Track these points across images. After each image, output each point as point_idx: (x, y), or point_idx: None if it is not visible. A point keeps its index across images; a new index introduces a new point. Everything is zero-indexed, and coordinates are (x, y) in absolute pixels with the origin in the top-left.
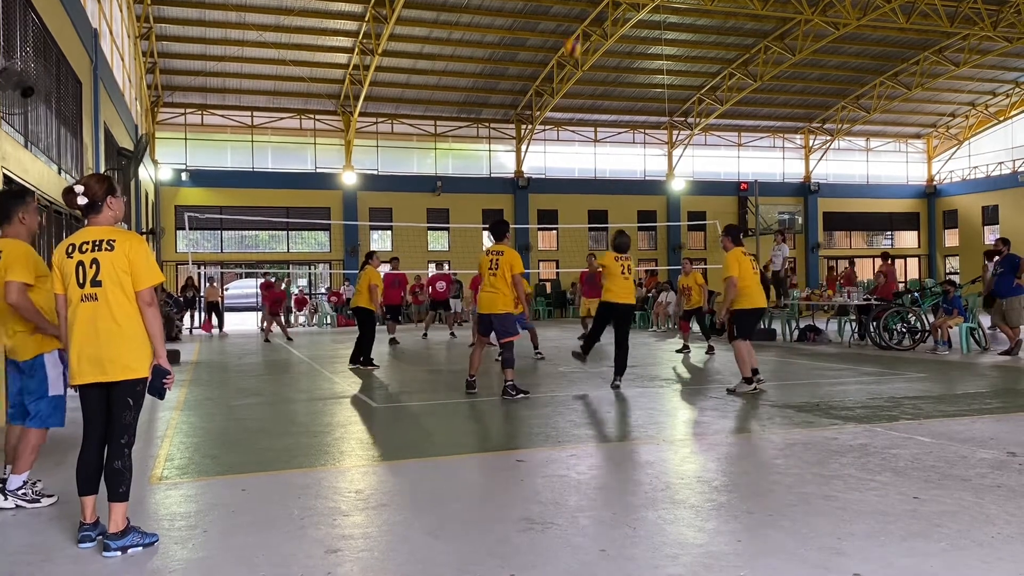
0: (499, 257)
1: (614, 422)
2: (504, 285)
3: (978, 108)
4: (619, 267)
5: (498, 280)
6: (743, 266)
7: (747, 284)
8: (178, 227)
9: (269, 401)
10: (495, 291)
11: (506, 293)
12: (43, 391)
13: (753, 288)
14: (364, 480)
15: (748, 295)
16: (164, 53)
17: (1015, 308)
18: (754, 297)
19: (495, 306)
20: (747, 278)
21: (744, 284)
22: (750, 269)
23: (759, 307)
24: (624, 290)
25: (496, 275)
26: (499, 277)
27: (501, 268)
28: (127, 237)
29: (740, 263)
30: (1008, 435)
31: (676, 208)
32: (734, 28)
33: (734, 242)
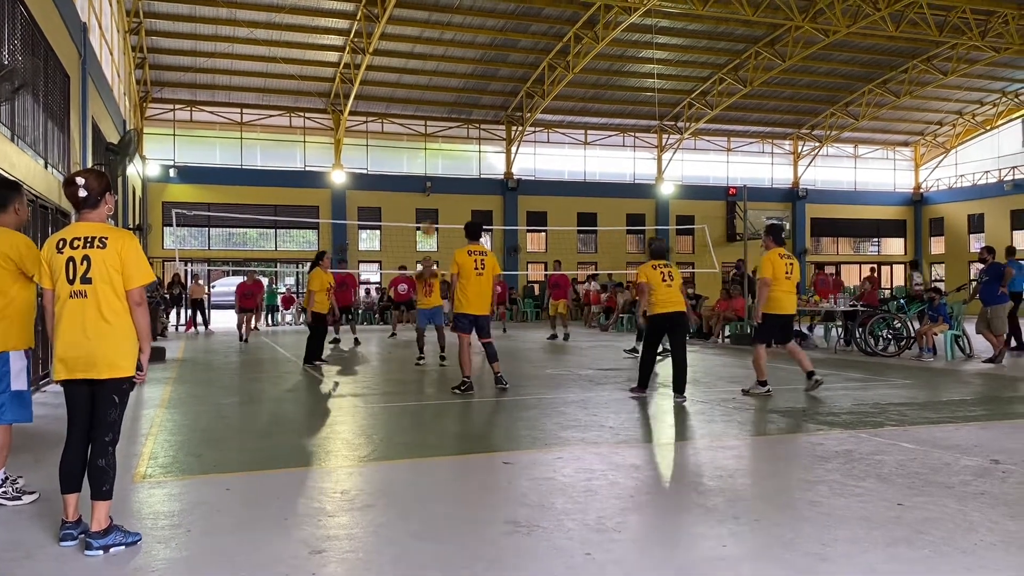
0: (484, 257)
1: (600, 425)
2: (490, 286)
3: (965, 117)
4: (659, 275)
5: (486, 281)
6: (776, 269)
7: (774, 289)
8: (165, 223)
9: (254, 399)
10: (483, 293)
11: (489, 295)
12: (4, 386)
13: (779, 293)
14: (350, 480)
15: (773, 299)
16: (154, 48)
17: (999, 316)
18: (779, 303)
19: (483, 306)
20: (777, 282)
21: (772, 288)
22: (783, 273)
23: (781, 313)
24: (668, 298)
25: (483, 275)
26: (486, 278)
27: (488, 266)
28: (120, 235)
29: (775, 265)
30: (991, 442)
31: (665, 212)
32: (725, 33)
33: (775, 242)
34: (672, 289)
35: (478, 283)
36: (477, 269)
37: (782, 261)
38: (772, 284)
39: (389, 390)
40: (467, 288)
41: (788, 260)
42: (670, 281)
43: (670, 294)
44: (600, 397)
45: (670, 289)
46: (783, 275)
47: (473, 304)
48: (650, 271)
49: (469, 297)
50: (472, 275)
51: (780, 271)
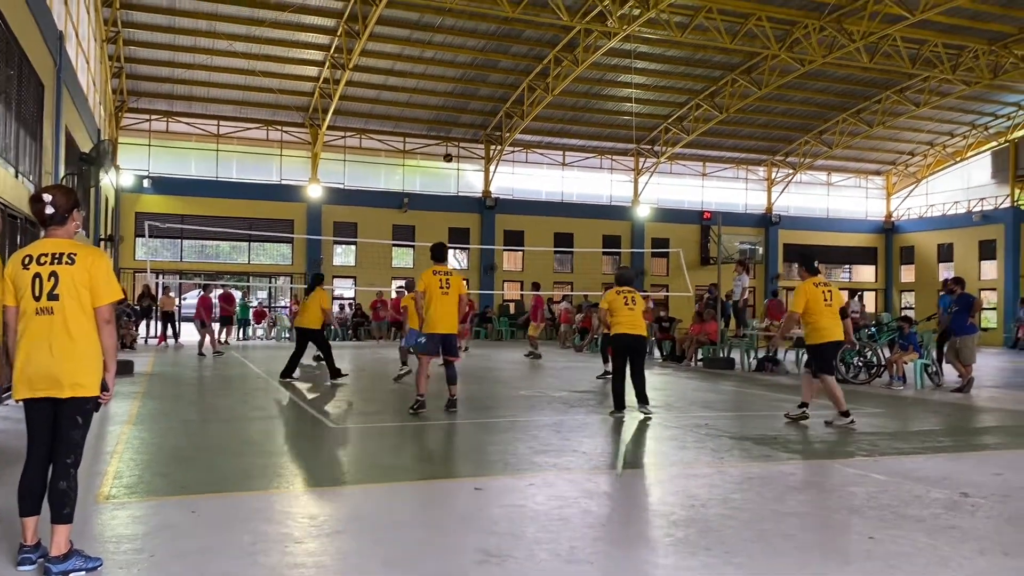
0: (449, 277)
1: (573, 450)
2: (455, 305)
3: (936, 148)
4: (621, 299)
5: (451, 300)
6: (812, 301)
7: (815, 319)
8: (137, 234)
9: (224, 418)
10: (449, 312)
11: (455, 315)
12: None
13: (822, 321)
14: (318, 505)
15: (818, 329)
16: (131, 58)
17: (968, 346)
18: (825, 330)
19: (451, 326)
20: (816, 312)
21: (812, 319)
22: (821, 301)
23: (831, 340)
24: (630, 321)
25: (448, 294)
26: (451, 297)
27: (453, 286)
28: (89, 252)
29: (809, 296)
30: (961, 475)
31: (640, 234)
32: (702, 60)
33: (809, 271)
34: (634, 313)
35: (444, 302)
36: (443, 288)
37: (818, 290)
38: (814, 314)
39: (360, 410)
40: (433, 307)
41: (825, 288)
42: (632, 305)
43: (632, 317)
44: (574, 420)
45: (632, 313)
46: (822, 304)
47: (440, 323)
48: (613, 296)
49: (436, 316)
50: (437, 293)
51: (818, 301)
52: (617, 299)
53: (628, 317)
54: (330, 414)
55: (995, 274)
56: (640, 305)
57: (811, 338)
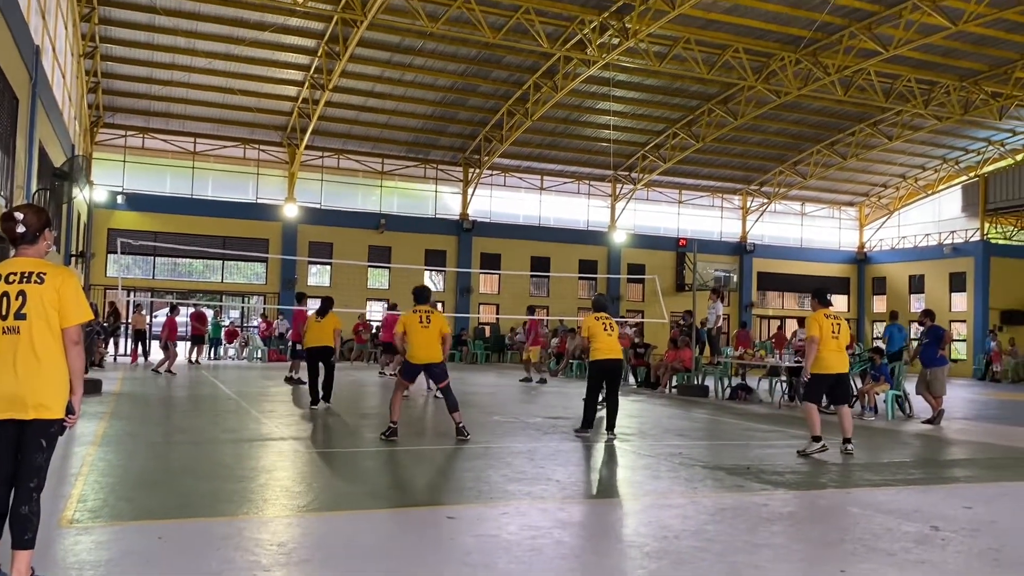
0: (431, 314)
1: (547, 478)
2: (437, 338)
3: (908, 180)
4: (600, 325)
5: (432, 332)
6: (823, 329)
7: (821, 348)
8: (110, 251)
9: (193, 440)
10: (432, 341)
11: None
12: None
13: (823, 352)
14: (288, 532)
15: (819, 359)
16: (108, 73)
17: (938, 378)
18: (826, 362)
19: (433, 355)
20: (824, 342)
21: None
22: (829, 333)
23: (827, 372)
24: (608, 346)
25: (428, 328)
26: (432, 329)
27: (433, 322)
28: (58, 272)
29: (821, 325)
30: (931, 508)
31: (617, 260)
32: (680, 90)
33: (821, 303)
34: (612, 338)
35: (425, 334)
36: (422, 322)
37: (828, 321)
38: (820, 345)
39: (332, 435)
40: (415, 339)
41: (834, 320)
42: (611, 331)
43: (610, 343)
44: (547, 447)
45: (610, 338)
46: (829, 335)
47: (420, 352)
48: (593, 322)
49: (416, 346)
50: (417, 327)
51: (827, 331)
52: (596, 325)
53: (607, 342)
54: (302, 438)
55: (965, 306)
56: (617, 330)
57: (813, 367)
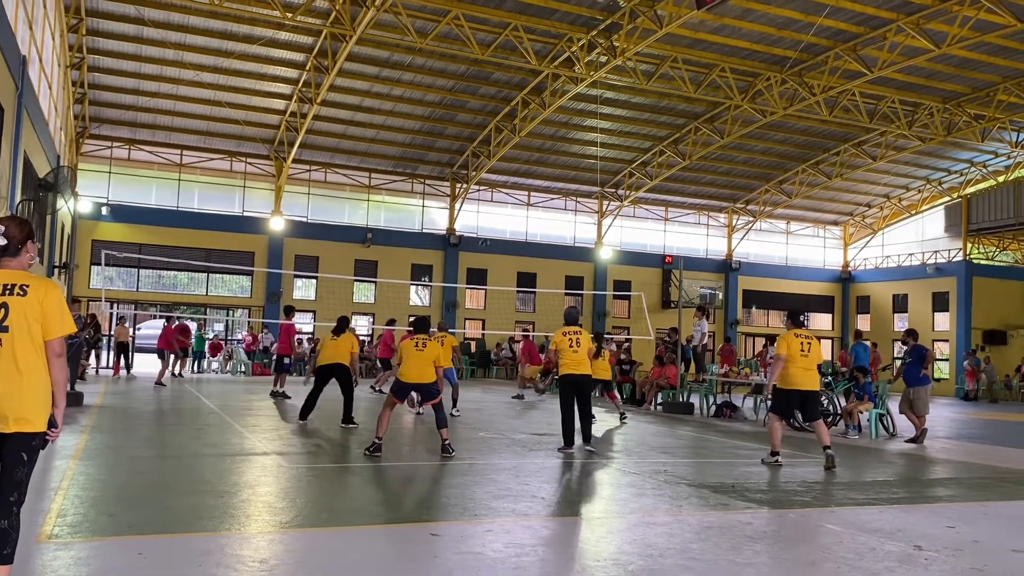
0: (428, 341)
1: (532, 495)
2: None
3: (892, 200)
4: (567, 341)
5: (426, 355)
6: (791, 347)
7: (787, 366)
8: (94, 262)
9: (175, 455)
10: (424, 363)
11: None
12: None
13: (791, 368)
14: (270, 548)
15: (787, 375)
16: (95, 84)
17: (921, 397)
18: (793, 378)
19: (424, 376)
20: (792, 360)
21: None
22: (798, 351)
23: (793, 388)
24: (575, 362)
25: (423, 352)
26: (426, 353)
27: (428, 348)
28: (42, 284)
29: (790, 344)
30: (914, 527)
31: (603, 276)
32: (667, 108)
33: (794, 324)
34: (578, 354)
35: (418, 357)
36: (418, 347)
37: (797, 340)
38: (789, 362)
39: (316, 450)
40: (408, 360)
41: (805, 339)
42: (576, 347)
43: (576, 358)
44: (532, 464)
45: (576, 354)
46: (798, 353)
47: (412, 373)
48: (559, 337)
49: (408, 367)
50: (412, 350)
51: (795, 349)
52: (563, 340)
53: (572, 358)
54: (285, 454)
55: (947, 325)
56: (584, 346)
57: (780, 382)
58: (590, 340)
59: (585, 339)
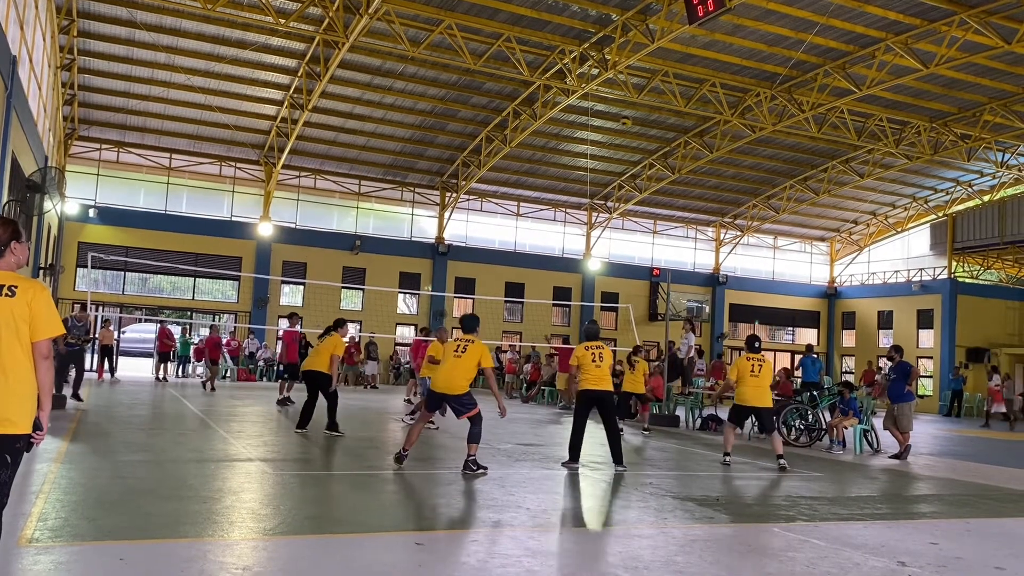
0: (470, 344)
1: (517, 506)
2: (466, 369)
3: (879, 218)
4: (589, 356)
5: (462, 362)
6: (741, 370)
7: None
8: (80, 264)
9: (158, 459)
10: (456, 371)
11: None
12: None
13: (741, 387)
14: (253, 555)
15: (739, 393)
16: (85, 86)
17: (905, 414)
18: (743, 395)
19: (454, 387)
20: (742, 380)
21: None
22: (748, 372)
23: (744, 405)
24: (596, 377)
25: (461, 358)
26: (464, 359)
27: (469, 352)
28: (31, 285)
29: (739, 368)
30: (898, 543)
31: (591, 288)
32: (657, 122)
33: (749, 348)
34: (601, 369)
35: (453, 364)
36: (457, 352)
37: (748, 363)
38: (741, 383)
39: (302, 457)
40: (441, 365)
41: (756, 362)
42: (599, 362)
43: (598, 374)
44: (518, 474)
45: (599, 369)
46: (747, 374)
47: (439, 380)
48: (582, 352)
49: (438, 373)
50: (451, 355)
51: (745, 371)
52: (585, 355)
53: (594, 373)
54: (270, 460)
55: (932, 343)
56: (607, 361)
57: (735, 398)
58: (611, 355)
59: (608, 354)
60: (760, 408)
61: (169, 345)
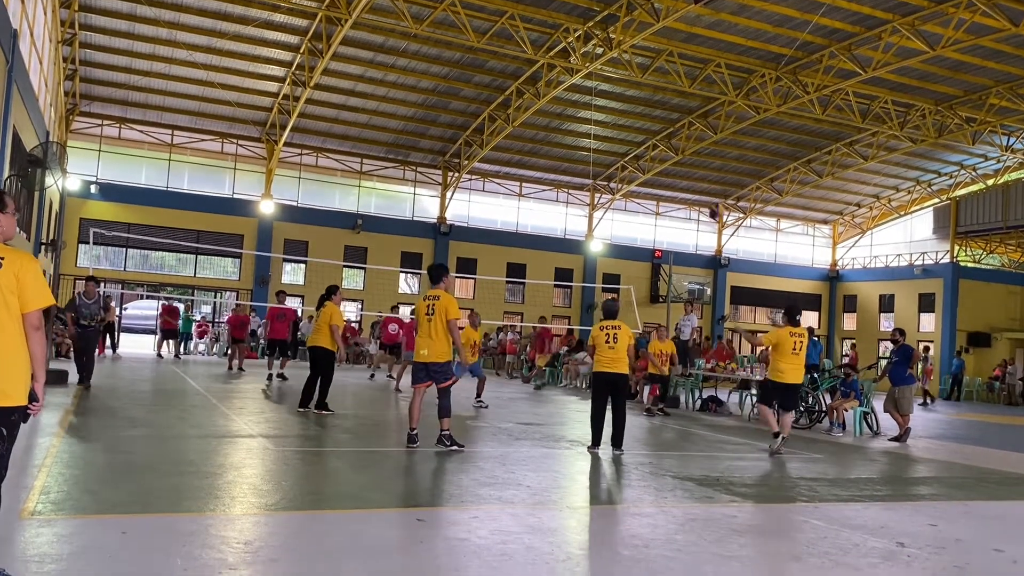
0: (435, 302)
1: (518, 483)
2: (440, 332)
3: (882, 201)
4: (603, 336)
5: (434, 326)
6: (783, 344)
7: (778, 361)
8: (81, 240)
9: (159, 435)
10: (432, 339)
11: (442, 340)
12: None
13: (781, 364)
14: (255, 530)
15: (776, 370)
16: (86, 61)
17: (906, 396)
18: (783, 374)
19: (432, 355)
20: (781, 356)
21: (776, 360)
22: (789, 349)
23: (781, 381)
24: (610, 359)
25: (432, 321)
26: (435, 323)
27: (437, 313)
28: (18, 255)
29: (781, 340)
30: (897, 524)
31: (593, 269)
32: (661, 102)
33: (790, 322)
34: (615, 351)
35: (427, 328)
36: (428, 314)
37: (791, 339)
38: (782, 358)
39: (303, 434)
40: (418, 333)
41: (797, 338)
42: (613, 343)
43: (612, 355)
44: (519, 453)
45: (613, 351)
46: (789, 350)
47: (422, 352)
48: (597, 332)
49: (419, 345)
50: (423, 320)
51: (787, 346)
52: (600, 336)
53: (608, 355)
54: (271, 437)
55: (933, 327)
56: (623, 342)
57: (770, 375)
58: (630, 336)
59: (624, 335)
60: (794, 385)
61: (172, 323)
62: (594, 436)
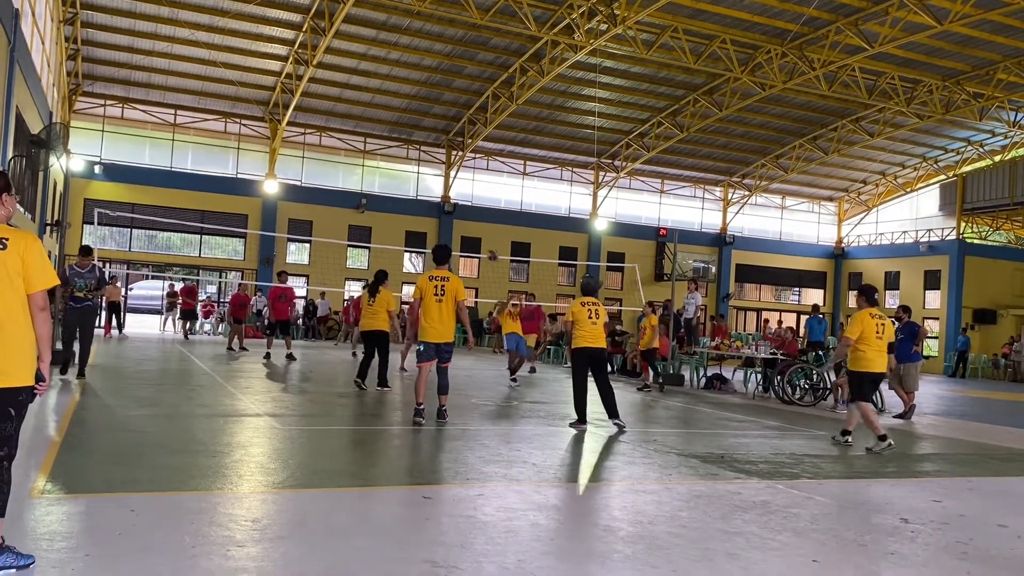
0: (445, 283)
1: (523, 461)
2: (452, 312)
3: (888, 178)
4: (585, 312)
5: (446, 307)
6: (867, 329)
7: (863, 348)
8: (86, 221)
9: (167, 414)
10: (443, 321)
11: (453, 321)
12: None
13: (869, 352)
14: (262, 508)
15: (862, 359)
16: (89, 41)
17: (911, 374)
18: (870, 362)
19: (447, 335)
20: (865, 342)
21: (860, 348)
22: (873, 333)
23: (870, 371)
24: (592, 335)
25: (444, 302)
26: (446, 304)
27: (447, 294)
28: (22, 236)
29: (864, 325)
30: (901, 500)
31: (597, 247)
32: (666, 79)
33: (868, 302)
34: (596, 327)
35: (438, 309)
36: (437, 295)
37: (873, 321)
38: (863, 343)
39: (310, 412)
40: (428, 314)
41: (879, 321)
42: (595, 319)
43: (594, 331)
44: (523, 431)
45: (595, 326)
46: (873, 335)
47: (433, 332)
48: (578, 308)
49: (429, 324)
50: (432, 301)
51: (871, 331)
52: (581, 311)
53: (590, 331)
54: (278, 415)
55: (938, 303)
56: (603, 318)
57: (853, 365)
58: (606, 313)
59: (603, 312)
60: (880, 375)
61: (191, 304)
62: (580, 412)
